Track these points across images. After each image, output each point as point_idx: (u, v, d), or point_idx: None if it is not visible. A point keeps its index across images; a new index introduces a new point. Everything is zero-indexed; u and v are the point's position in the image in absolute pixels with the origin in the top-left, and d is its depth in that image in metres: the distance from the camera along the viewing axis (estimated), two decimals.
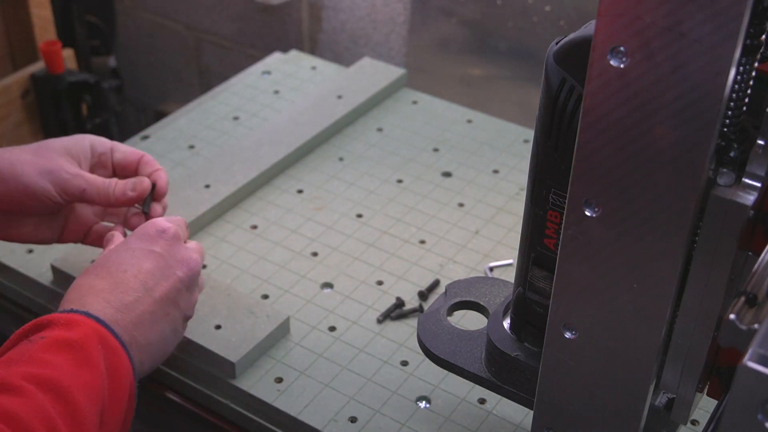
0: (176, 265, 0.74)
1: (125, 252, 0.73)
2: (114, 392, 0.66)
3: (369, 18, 1.57)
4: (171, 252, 0.74)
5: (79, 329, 0.65)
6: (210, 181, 1.06)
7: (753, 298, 0.49)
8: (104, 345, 0.66)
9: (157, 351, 0.73)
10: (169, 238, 0.75)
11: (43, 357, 0.63)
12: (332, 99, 1.20)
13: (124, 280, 0.71)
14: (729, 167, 0.50)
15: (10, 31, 1.73)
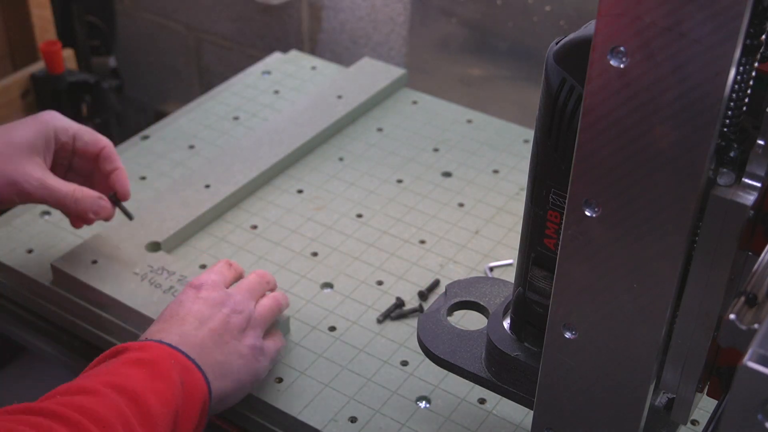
0: (221, 305, 0.81)
1: (174, 305, 0.81)
2: (188, 403, 0.72)
3: (369, 18, 1.57)
4: (214, 295, 0.81)
5: (153, 351, 0.73)
6: (210, 181, 1.06)
7: (753, 298, 0.49)
8: (177, 362, 0.73)
9: (227, 373, 0.77)
10: (209, 287, 0.82)
11: (120, 370, 0.70)
12: (332, 99, 1.20)
13: (179, 318, 0.79)
14: (729, 167, 0.50)
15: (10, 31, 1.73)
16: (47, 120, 0.89)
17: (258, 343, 0.81)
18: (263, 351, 0.81)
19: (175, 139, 1.17)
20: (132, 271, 0.93)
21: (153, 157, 1.13)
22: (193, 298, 0.81)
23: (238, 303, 0.81)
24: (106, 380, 0.68)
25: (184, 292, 0.82)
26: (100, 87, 1.67)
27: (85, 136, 0.90)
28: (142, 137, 1.17)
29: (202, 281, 0.82)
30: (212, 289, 0.82)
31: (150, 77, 2.02)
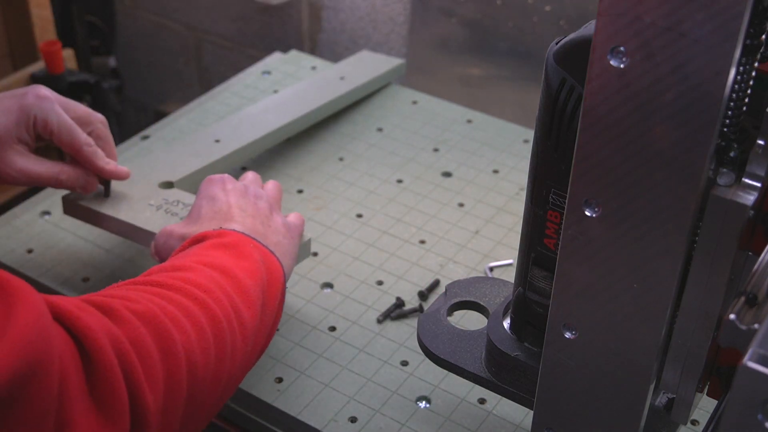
0: (247, 194, 0.84)
1: (208, 202, 0.83)
2: (270, 282, 0.75)
3: (369, 18, 1.57)
4: (237, 186, 0.84)
5: (231, 236, 0.76)
6: (220, 137, 1.07)
7: (753, 298, 0.49)
8: (254, 246, 0.76)
9: (285, 251, 0.81)
10: (229, 180, 0.85)
11: (208, 252, 0.73)
12: (335, 80, 1.22)
13: (223, 212, 0.81)
14: (729, 167, 0.50)
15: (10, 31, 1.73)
16: (29, 107, 0.86)
17: (284, 221, 0.85)
18: (290, 227, 0.85)
19: (175, 139, 1.17)
20: (147, 202, 0.93)
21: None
22: (223, 191, 0.83)
23: (256, 191, 0.85)
24: (197, 259, 0.72)
25: (209, 187, 0.84)
26: (100, 87, 1.67)
27: (62, 135, 0.87)
28: (142, 137, 1.17)
29: (218, 176, 0.85)
30: (233, 181, 0.85)
31: (150, 77, 2.02)
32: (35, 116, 0.86)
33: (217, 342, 0.66)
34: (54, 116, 0.86)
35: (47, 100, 0.87)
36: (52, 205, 1.05)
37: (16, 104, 0.86)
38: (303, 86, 1.20)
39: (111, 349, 0.58)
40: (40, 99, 0.86)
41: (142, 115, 2.09)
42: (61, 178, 0.88)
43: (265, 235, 0.80)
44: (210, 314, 0.67)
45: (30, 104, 0.86)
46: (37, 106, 0.86)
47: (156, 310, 0.63)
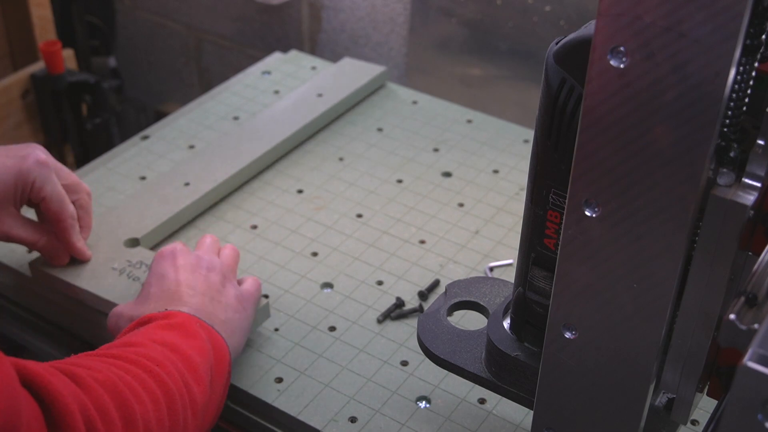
0: (198, 268, 0.84)
1: (156, 279, 0.83)
2: (217, 360, 0.76)
3: (369, 18, 1.57)
4: (188, 260, 0.84)
5: (177, 317, 0.76)
6: (189, 179, 1.06)
7: (753, 298, 0.49)
8: (201, 326, 0.77)
9: (234, 329, 0.81)
10: (181, 254, 0.84)
11: (155, 332, 0.74)
12: (312, 98, 1.21)
13: (171, 292, 0.81)
14: (729, 167, 0.50)
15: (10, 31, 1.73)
16: (29, 172, 0.86)
17: (238, 291, 0.85)
18: (244, 297, 0.85)
19: (175, 139, 1.17)
20: (110, 266, 0.93)
21: (153, 157, 1.13)
22: (173, 268, 0.83)
23: (209, 261, 0.85)
24: (147, 337, 0.73)
25: (159, 264, 0.84)
26: (100, 87, 1.67)
27: (52, 204, 0.88)
28: (142, 137, 1.17)
29: (171, 248, 0.85)
30: (185, 254, 0.84)
31: (150, 77, 2.02)
32: (34, 181, 0.87)
33: (170, 414, 0.69)
34: (50, 185, 0.87)
35: (46, 167, 0.87)
36: None
37: (16, 166, 0.86)
38: (279, 108, 1.18)
39: (79, 414, 0.61)
40: (40, 165, 0.87)
41: (142, 115, 2.09)
42: (38, 245, 0.90)
43: (213, 314, 0.80)
44: (164, 387, 0.69)
45: (30, 169, 0.86)
46: (37, 172, 0.87)
47: (116, 380, 0.66)
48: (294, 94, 1.22)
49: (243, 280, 0.89)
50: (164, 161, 1.13)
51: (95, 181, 1.09)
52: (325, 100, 1.20)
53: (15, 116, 1.65)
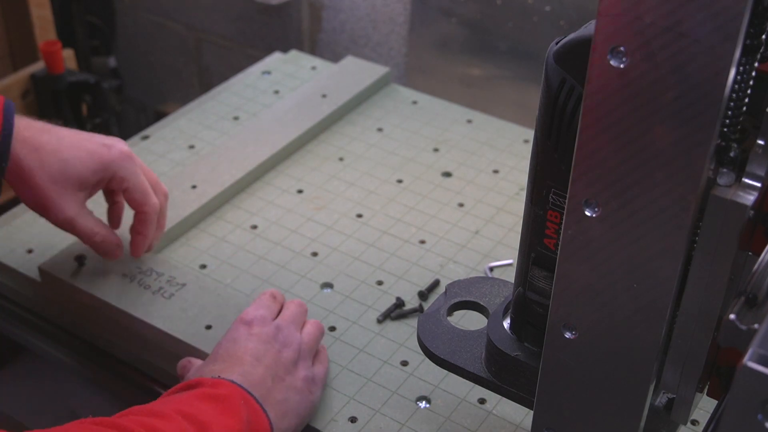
0: (272, 341, 0.81)
1: (229, 342, 0.80)
2: None
3: (369, 18, 1.57)
4: (265, 331, 0.81)
5: (223, 388, 0.74)
6: (196, 182, 1.06)
7: (753, 298, 0.49)
8: (245, 402, 0.74)
9: (288, 411, 0.78)
10: (259, 323, 0.82)
11: (192, 402, 0.71)
12: (317, 98, 1.20)
13: (236, 357, 0.78)
14: (729, 167, 0.50)
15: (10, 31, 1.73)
16: (113, 164, 0.87)
17: (310, 373, 0.81)
18: (314, 380, 0.81)
19: (175, 139, 1.17)
20: (121, 273, 0.93)
21: (153, 157, 1.13)
22: (246, 336, 0.80)
23: (287, 336, 0.82)
24: (178, 408, 0.70)
25: (236, 329, 0.81)
26: (100, 87, 1.67)
27: (135, 194, 0.89)
28: (142, 137, 1.17)
29: (251, 317, 0.82)
30: (262, 324, 0.81)
31: (150, 77, 2.02)
32: (117, 171, 0.87)
33: None
34: (134, 176, 0.88)
35: (131, 159, 0.88)
36: None
37: (99, 154, 0.86)
38: (283, 109, 1.18)
39: None
40: (124, 156, 0.88)
41: (142, 115, 2.09)
42: (95, 239, 0.89)
43: (270, 391, 0.77)
44: None
45: (114, 160, 0.87)
46: (120, 165, 0.87)
47: None
48: (297, 95, 1.22)
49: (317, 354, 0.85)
50: (164, 161, 1.13)
51: None
52: (329, 101, 1.20)
53: None
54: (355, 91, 1.22)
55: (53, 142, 0.85)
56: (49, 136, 0.85)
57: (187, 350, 0.86)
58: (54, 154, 0.84)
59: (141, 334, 0.89)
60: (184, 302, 0.89)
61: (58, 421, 0.95)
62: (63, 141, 0.85)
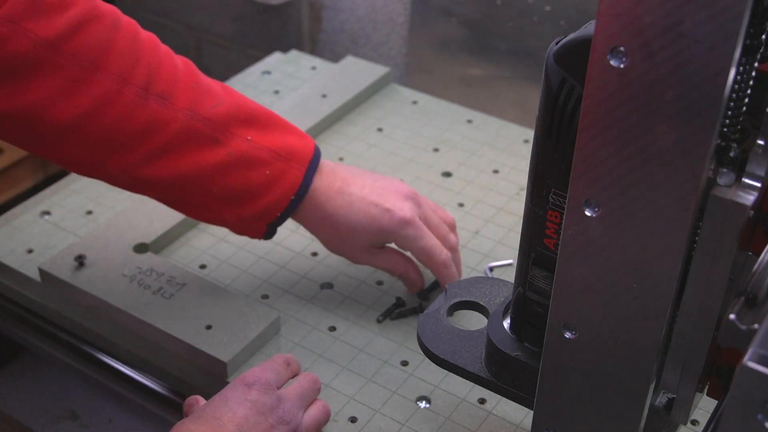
0: (267, 413, 0.75)
1: (219, 402, 0.75)
2: None
3: (369, 18, 1.57)
4: (263, 400, 0.75)
5: None
6: None
7: (753, 298, 0.49)
8: None
9: None
10: (260, 389, 0.76)
11: None
12: (317, 98, 1.20)
13: (220, 423, 0.72)
14: (729, 167, 0.50)
15: None
16: (388, 231, 0.88)
17: None
18: None
19: None
20: (121, 272, 0.93)
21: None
22: (240, 400, 0.74)
23: (287, 411, 0.76)
24: None
25: (234, 388, 0.76)
26: None
27: (419, 257, 0.90)
28: None
29: (255, 378, 0.76)
30: (263, 390, 0.76)
31: None
32: (395, 239, 0.89)
33: None
34: (411, 242, 0.89)
35: (409, 227, 0.88)
36: (52, 205, 1.05)
37: (380, 222, 0.88)
38: (284, 108, 1.18)
39: None
40: (402, 225, 0.88)
41: None
42: (395, 275, 0.92)
43: None
44: None
45: (391, 229, 0.88)
46: (396, 233, 0.88)
47: None
48: (297, 94, 1.22)
49: None
50: None
51: (95, 182, 1.08)
52: (329, 101, 1.20)
53: None
54: (355, 91, 1.22)
55: (344, 208, 0.88)
56: (342, 201, 0.88)
57: (187, 350, 0.86)
58: (344, 222, 0.88)
59: (141, 334, 0.89)
60: (184, 302, 0.89)
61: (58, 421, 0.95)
62: (353, 207, 0.88)
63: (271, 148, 0.85)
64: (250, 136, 0.84)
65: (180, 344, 0.86)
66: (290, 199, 0.86)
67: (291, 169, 0.85)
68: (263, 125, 0.86)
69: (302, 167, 0.86)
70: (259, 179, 0.84)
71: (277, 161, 0.85)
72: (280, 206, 0.86)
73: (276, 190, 0.85)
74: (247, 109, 0.86)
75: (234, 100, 0.87)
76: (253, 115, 0.86)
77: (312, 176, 0.87)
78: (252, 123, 0.86)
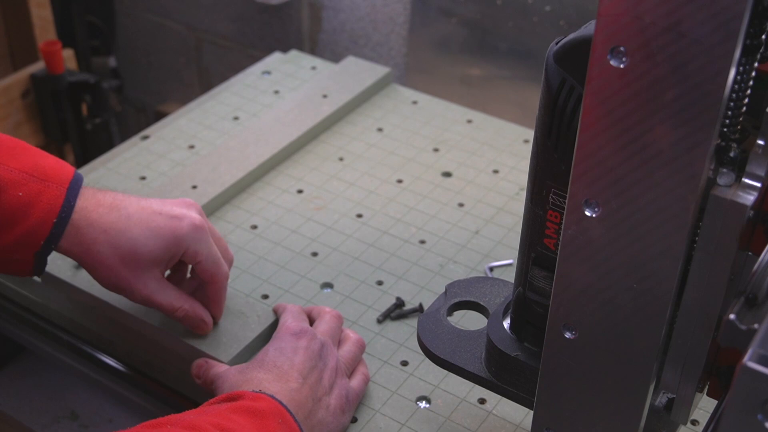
0: (317, 358, 0.80)
1: (276, 351, 0.80)
2: None
3: (369, 18, 1.57)
4: (312, 346, 0.81)
5: (264, 403, 0.73)
6: (197, 182, 1.06)
7: (753, 298, 0.49)
8: (284, 421, 0.73)
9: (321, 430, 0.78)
10: (307, 336, 0.82)
11: (230, 416, 0.71)
12: (318, 98, 1.20)
13: (284, 371, 0.78)
14: (729, 167, 0.50)
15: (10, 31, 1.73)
16: (184, 239, 0.82)
17: (344, 391, 0.81)
18: (348, 399, 0.81)
19: (175, 139, 1.17)
20: None
21: (153, 157, 1.13)
22: (294, 348, 0.80)
23: (328, 354, 0.82)
24: (215, 421, 0.69)
25: (283, 338, 0.81)
26: (100, 87, 1.67)
27: (208, 266, 0.84)
28: (142, 137, 1.17)
29: (299, 327, 0.82)
30: (310, 338, 0.81)
31: (150, 77, 2.02)
32: (188, 247, 0.83)
33: None
34: (205, 248, 0.84)
35: (202, 231, 0.83)
36: None
37: (170, 230, 0.82)
38: (284, 109, 1.18)
39: None
40: (195, 229, 0.83)
41: (142, 115, 2.09)
42: (178, 314, 0.84)
43: (311, 413, 0.77)
44: None
45: (186, 235, 0.82)
46: (191, 238, 0.83)
47: None
48: (298, 95, 1.22)
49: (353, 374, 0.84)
50: (164, 161, 1.13)
51: (95, 181, 1.09)
52: (330, 101, 1.20)
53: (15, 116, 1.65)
54: (356, 91, 1.22)
55: (122, 221, 0.81)
56: (118, 215, 0.81)
57: (187, 350, 0.86)
58: (123, 235, 0.80)
59: (141, 334, 0.89)
60: None
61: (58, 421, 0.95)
62: (131, 219, 0.81)
63: (22, 170, 0.78)
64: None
65: (180, 344, 0.86)
66: (53, 222, 0.78)
67: (49, 190, 0.78)
68: (11, 149, 0.79)
69: (62, 187, 0.78)
70: (12, 203, 0.77)
71: (30, 183, 0.78)
72: (43, 231, 0.78)
73: (34, 213, 0.77)
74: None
75: None
76: (1, 142, 0.80)
77: (75, 196, 0.79)
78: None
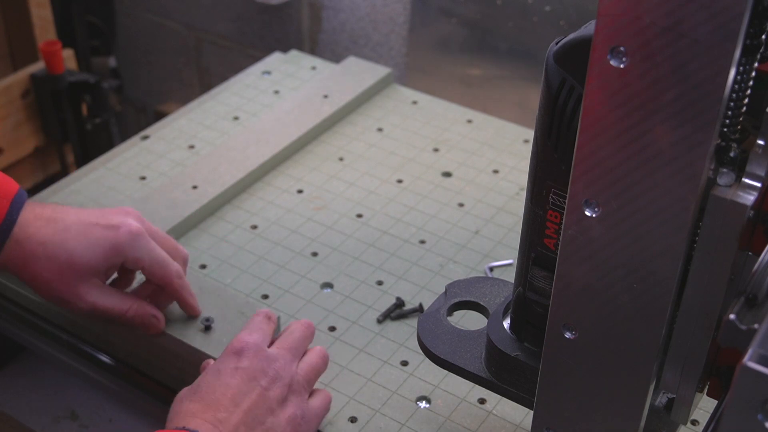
0: (260, 377, 0.75)
1: (212, 375, 0.75)
2: None
3: (369, 18, 1.57)
4: (254, 364, 0.76)
5: None
6: (197, 182, 1.06)
7: (753, 298, 0.49)
8: None
9: None
10: (250, 354, 0.76)
11: None
12: (318, 99, 1.20)
13: (215, 399, 0.73)
14: (729, 167, 0.50)
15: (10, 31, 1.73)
16: (122, 247, 0.82)
17: (299, 411, 0.76)
18: (305, 418, 0.76)
19: (175, 139, 1.17)
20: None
21: (153, 157, 1.13)
22: (232, 371, 0.75)
23: (280, 369, 0.76)
24: None
25: (223, 360, 0.76)
26: (100, 87, 1.67)
27: (154, 269, 0.83)
28: (142, 137, 1.17)
29: (243, 344, 0.77)
30: (253, 355, 0.76)
31: (150, 77, 2.02)
32: (127, 255, 0.82)
33: None
34: (146, 253, 0.83)
35: (141, 238, 0.82)
36: None
37: (107, 240, 0.81)
38: (285, 109, 1.18)
39: None
40: (133, 237, 0.82)
41: (142, 115, 2.09)
42: (129, 315, 0.84)
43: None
44: None
45: (123, 243, 0.81)
46: (130, 246, 0.82)
47: None
48: (298, 95, 1.22)
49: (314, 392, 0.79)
50: (164, 161, 1.13)
51: (95, 181, 1.09)
52: (331, 101, 1.20)
53: (15, 116, 1.65)
54: (357, 91, 1.22)
55: (59, 234, 0.80)
56: (55, 227, 0.80)
57: (187, 350, 0.86)
58: (60, 247, 0.80)
59: (141, 334, 0.89)
60: None
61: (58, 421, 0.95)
62: (69, 231, 0.80)
63: None
64: None
65: (180, 344, 0.86)
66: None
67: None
68: None
69: (5, 201, 0.78)
70: None
71: None
72: None
73: None
74: None
75: None
76: None
77: (18, 211, 0.79)
78: None
